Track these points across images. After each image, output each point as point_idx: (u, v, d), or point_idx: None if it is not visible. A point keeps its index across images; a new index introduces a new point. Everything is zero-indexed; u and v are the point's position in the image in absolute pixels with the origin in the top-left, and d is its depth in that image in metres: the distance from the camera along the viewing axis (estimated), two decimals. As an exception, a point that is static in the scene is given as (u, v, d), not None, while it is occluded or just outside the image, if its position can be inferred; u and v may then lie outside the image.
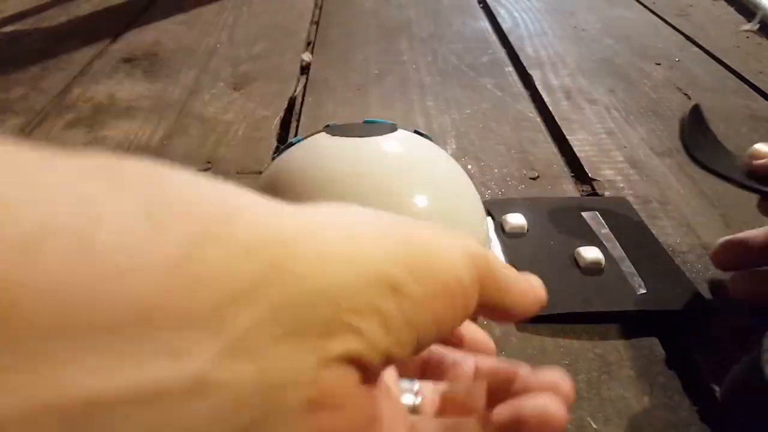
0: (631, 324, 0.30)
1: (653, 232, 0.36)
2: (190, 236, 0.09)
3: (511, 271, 0.16)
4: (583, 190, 0.41)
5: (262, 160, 0.44)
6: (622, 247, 0.33)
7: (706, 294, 0.31)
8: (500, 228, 0.34)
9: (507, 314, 0.16)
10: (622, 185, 0.41)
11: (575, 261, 0.32)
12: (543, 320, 0.29)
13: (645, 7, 0.78)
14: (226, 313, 0.09)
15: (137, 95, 0.55)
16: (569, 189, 0.40)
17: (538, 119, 0.50)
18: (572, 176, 0.42)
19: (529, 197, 0.38)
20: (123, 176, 0.10)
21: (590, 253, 0.31)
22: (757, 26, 0.69)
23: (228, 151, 0.46)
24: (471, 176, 0.42)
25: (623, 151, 0.45)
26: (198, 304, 0.09)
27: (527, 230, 0.34)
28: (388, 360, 0.12)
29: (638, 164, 0.43)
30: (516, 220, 0.34)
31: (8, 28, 0.72)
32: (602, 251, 0.32)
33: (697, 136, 0.31)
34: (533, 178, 0.41)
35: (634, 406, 0.26)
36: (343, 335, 0.11)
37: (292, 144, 0.30)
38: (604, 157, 0.44)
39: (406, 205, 0.26)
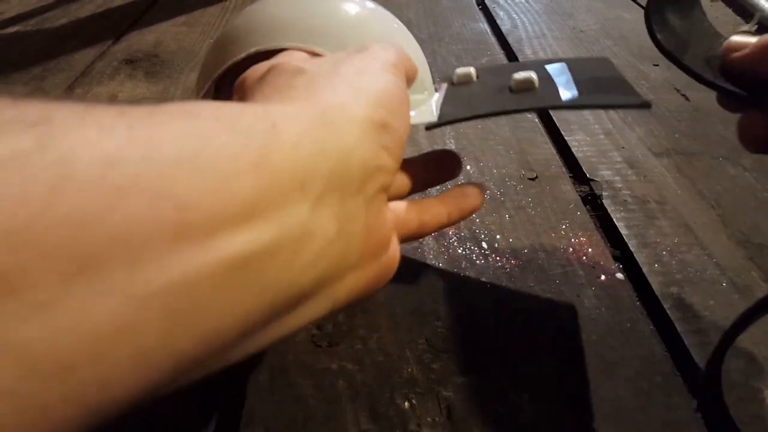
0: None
1: (651, 232, 0.36)
2: (262, 143, 0.12)
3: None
4: (581, 191, 0.41)
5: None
6: (575, 82, 0.27)
7: None
8: (450, 81, 0.30)
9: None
10: (620, 185, 0.41)
11: (509, 88, 0.27)
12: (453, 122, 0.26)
13: (643, 8, 0.78)
14: (306, 186, 0.12)
15: (139, 96, 0.55)
16: (567, 189, 0.41)
17: (537, 120, 0.50)
18: (570, 177, 0.42)
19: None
20: (198, 112, 0.12)
21: (522, 75, 0.27)
22: (755, 27, 0.69)
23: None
24: (470, 176, 0.42)
25: (621, 152, 0.45)
26: (287, 183, 0.12)
27: (476, 78, 0.30)
28: (395, 173, 0.17)
29: (636, 164, 0.43)
30: (464, 70, 0.30)
31: (10, 30, 0.72)
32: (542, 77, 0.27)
33: (666, 15, 0.26)
34: (532, 179, 0.42)
35: (632, 405, 0.26)
36: (373, 177, 0.15)
37: None
38: (602, 157, 0.44)
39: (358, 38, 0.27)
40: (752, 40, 0.22)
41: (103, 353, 0.09)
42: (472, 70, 0.30)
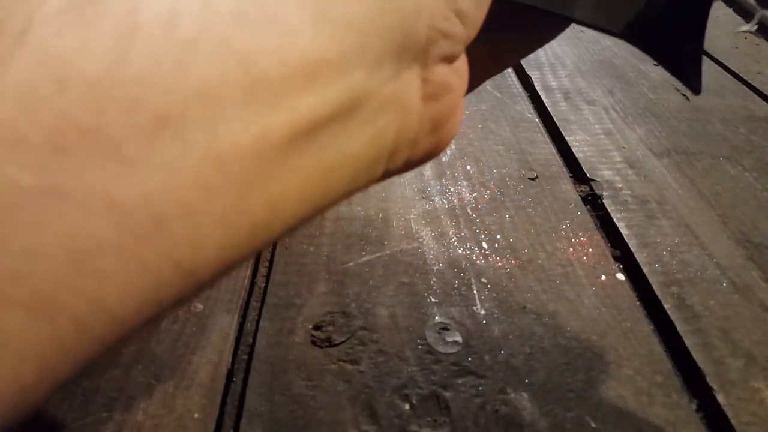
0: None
1: (652, 232, 0.36)
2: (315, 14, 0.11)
3: None
4: (581, 190, 0.41)
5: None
6: None
7: None
8: None
9: None
10: (620, 185, 0.41)
11: None
12: None
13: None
14: (365, 48, 0.11)
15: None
16: (568, 189, 0.41)
17: (537, 120, 0.50)
18: (571, 177, 0.42)
19: None
20: None
21: None
22: (756, 27, 0.69)
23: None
24: (470, 176, 0.42)
25: (621, 152, 0.45)
26: (346, 42, 0.11)
27: None
28: (468, 42, 0.15)
29: (636, 164, 0.43)
30: None
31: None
32: None
33: None
34: (532, 179, 0.42)
35: (632, 405, 0.26)
36: (438, 43, 0.13)
37: None
38: (603, 157, 0.44)
39: None
40: None
41: (191, 211, 0.09)
42: None
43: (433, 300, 0.31)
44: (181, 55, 0.09)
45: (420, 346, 0.29)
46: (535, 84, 0.56)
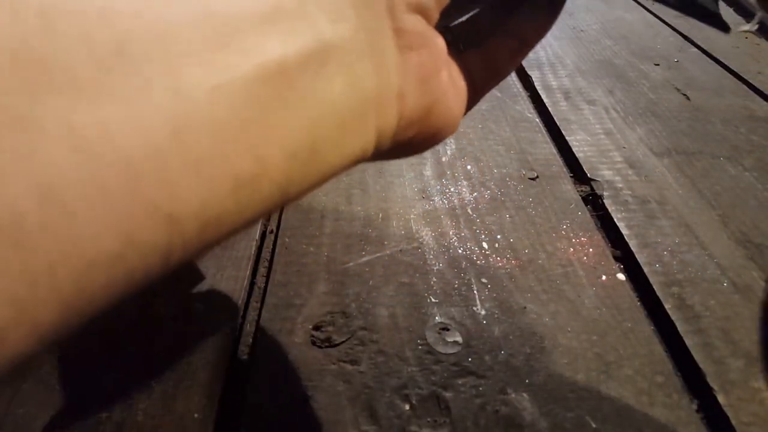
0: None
1: (652, 232, 0.36)
2: None
3: None
4: (581, 190, 0.41)
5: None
6: None
7: None
8: None
9: None
10: (620, 185, 0.41)
11: None
12: None
13: (643, 7, 0.78)
14: (315, 6, 0.12)
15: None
16: (568, 189, 0.41)
17: (537, 120, 0.50)
18: (571, 176, 0.42)
19: None
20: None
21: None
22: (756, 27, 0.69)
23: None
24: (470, 176, 0.42)
25: (622, 152, 0.45)
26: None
27: None
28: (439, 2, 0.15)
29: (637, 164, 0.43)
30: None
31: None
32: None
33: None
34: (532, 179, 0.42)
35: (633, 405, 0.26)
36: None
37: None
38: (603, 157, 0.44)
39: None
40: None
41: (160, 151, 0.09)
42: None
43: (433, 300, 0.31)
44: None
45: (420, 347, 0.29)
46: (535, 84, 0.56)
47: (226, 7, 0.10)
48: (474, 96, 0.19)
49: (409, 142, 0.15)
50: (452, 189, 0.40)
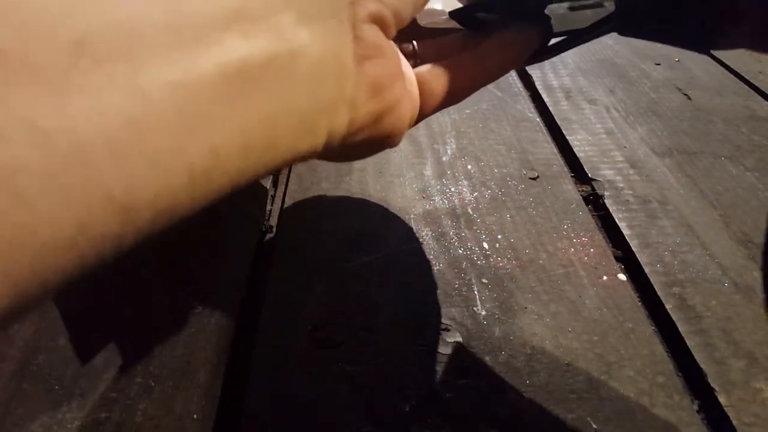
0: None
1: (653, 232, 0.36)
2: None
3: None
4: (582, 190, 0.41)
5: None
6: None
7: None
8: None
9: None
10: (621, 185, 0.41)
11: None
12: None
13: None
14: (279, 11, 0.12)
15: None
16: (569, 189, 0.40)
17: (538, 119, 0.50)
18: (572, 176, 0.42)
19: None
20: None
21: None
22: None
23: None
24: (471, 176, 0.42)
25: (623, 151, 0.45)
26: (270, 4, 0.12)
27: None
28: (397, 19, 0.15)
29: (638, 164, 0.43)
30: None
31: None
32: None
33: None
34: (533, 178, 0.41)
35: (633, 405, 0.26)
36: (363, 3, 0.14)
37: None
38: (604, 157, 0.44)
39: None
40: None
41: (121, 148, 0.09)
42: None
43: (433, 300, 0.31)
44: None
45: (420, 347, 0.28)
46: (536, 83, 0.56)
47: (191, 7, 0.10)
48: (426, 108, 0.20)
49: (358, 145, 0.16)
50: (453, 189, 0.40)
